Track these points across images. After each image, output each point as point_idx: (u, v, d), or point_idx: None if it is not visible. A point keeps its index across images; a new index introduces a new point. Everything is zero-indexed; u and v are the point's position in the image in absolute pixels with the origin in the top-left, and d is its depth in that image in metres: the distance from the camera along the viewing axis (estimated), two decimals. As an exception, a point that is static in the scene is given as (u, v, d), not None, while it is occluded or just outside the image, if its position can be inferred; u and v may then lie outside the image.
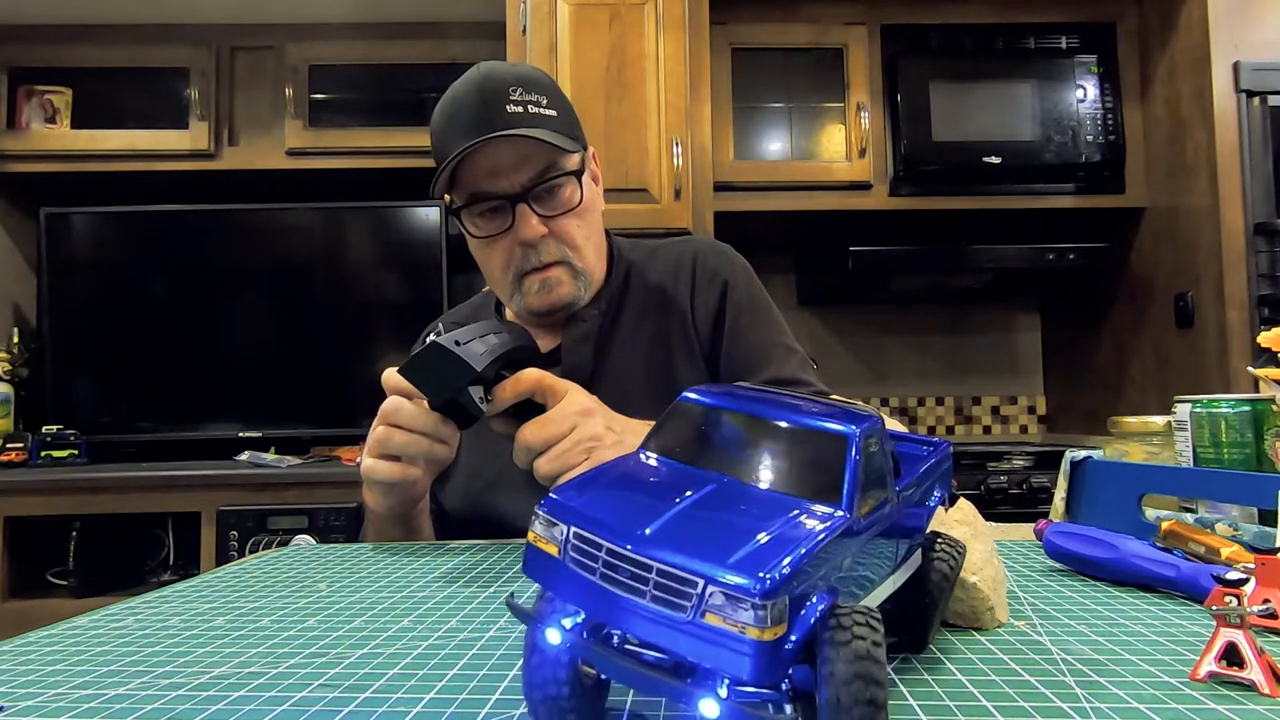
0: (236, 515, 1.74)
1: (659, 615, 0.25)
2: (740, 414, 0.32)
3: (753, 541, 0.25)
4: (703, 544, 0.25)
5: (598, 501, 0.28)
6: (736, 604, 0.24)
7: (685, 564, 0.25)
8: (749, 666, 0.23)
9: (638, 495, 0.29)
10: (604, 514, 0.27)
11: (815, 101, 2.09)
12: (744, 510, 0.28)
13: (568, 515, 0.28)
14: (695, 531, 0.26)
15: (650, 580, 0.25)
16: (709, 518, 0.27)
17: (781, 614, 0.24)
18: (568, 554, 0.27)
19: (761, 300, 0.97)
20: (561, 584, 0.27)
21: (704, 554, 0.25)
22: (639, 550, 0.25)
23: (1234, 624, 0.34)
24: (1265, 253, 1.78)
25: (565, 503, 0.28)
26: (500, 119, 0.80)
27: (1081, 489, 0.68)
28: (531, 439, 0.66)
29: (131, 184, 2.20)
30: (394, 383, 0.68)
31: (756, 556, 0.25)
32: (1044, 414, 2.46)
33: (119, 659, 0.40)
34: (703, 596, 0.24)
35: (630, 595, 0.25)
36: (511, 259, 0.87)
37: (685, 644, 0.24)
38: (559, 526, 0.28)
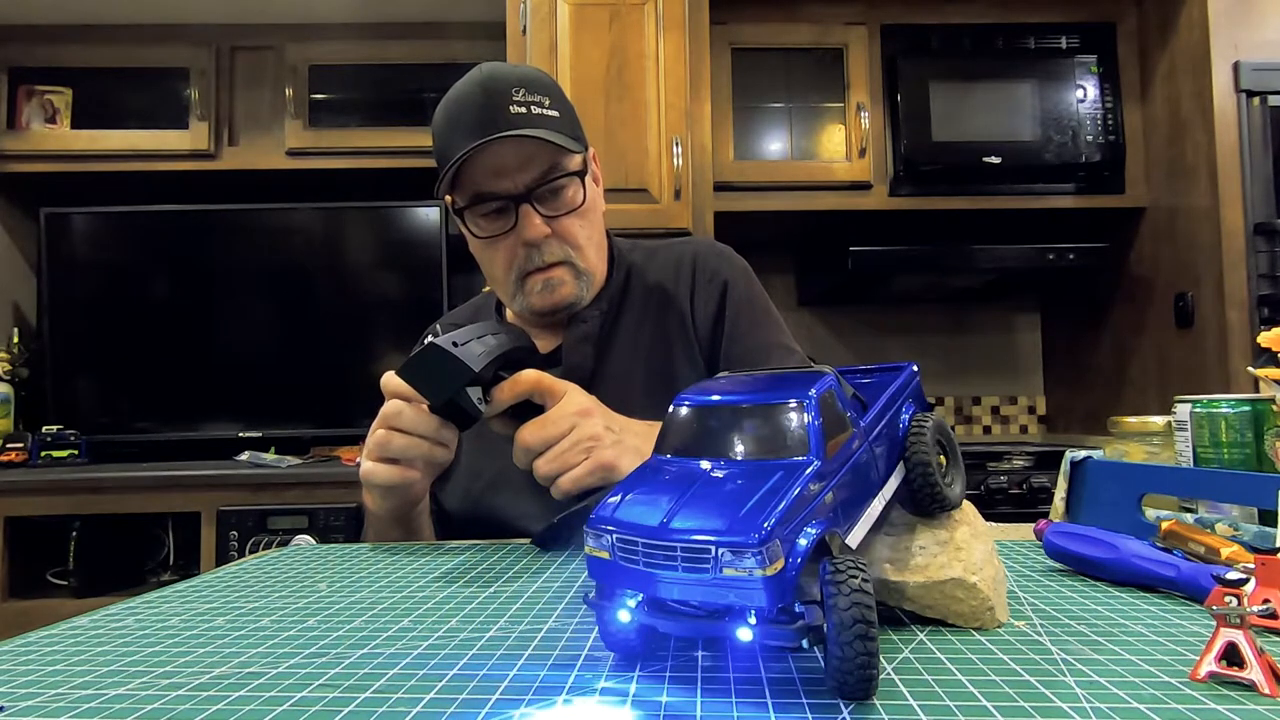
0: (236, 515, 1.74)
1: (691, 579, 0.32)
2: (721, 406, 0.39)
3: (745, 505, 0.33)
4: (709, 518, 0.33)
5: (627, 508, 0.35)
6: (741, 555, 0.31)
7: (698, 536, 0.32)
8: (763, 597, 0.31)
9: (656, 494, 0.36)
10: (633, 517, 0.35)
11: (815, 101, 2.09)
12: (737, 483, 0.35)
13: (609, 524, 0.35)
14: (702, 510, 0.33)
15: (678, 555, 0.32)
16: (710, 495, 0.34)
17: (777, 553, 0.31)
18: (616, 555, 0.35)
19: (761, 301, 0.97)
20: (618, 577, 0.35)
21: (711, 525, 0.32)
22: (664, 536, 0.33)
23: (1234, 624, 0.34)
24: (1265, 253, 1.78)
25: (605, 517, 0.35)
26: (504, 119, 0.80)
27: (1081, 489, 0.68)
28: (530, 439, 0.66)
29: (131, 184, 2.20)
30: (394, 386, 0.68)
31: (749, 516, 0.32)
32: (1044, 414, 2.46)
33: (119, 659, 0.40)
34: (717, 557, 0.31)
35: (667, 570, 0.33)
36: (514, 259, 0.87)
37: (715, 594, 0.32)
38: (605, 537, 0.35)
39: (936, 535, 0.44)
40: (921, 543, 0.44)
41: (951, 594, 0.42)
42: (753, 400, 0.38)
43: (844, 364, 2.02)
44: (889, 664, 0.37)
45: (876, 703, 0.32)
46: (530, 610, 0.48)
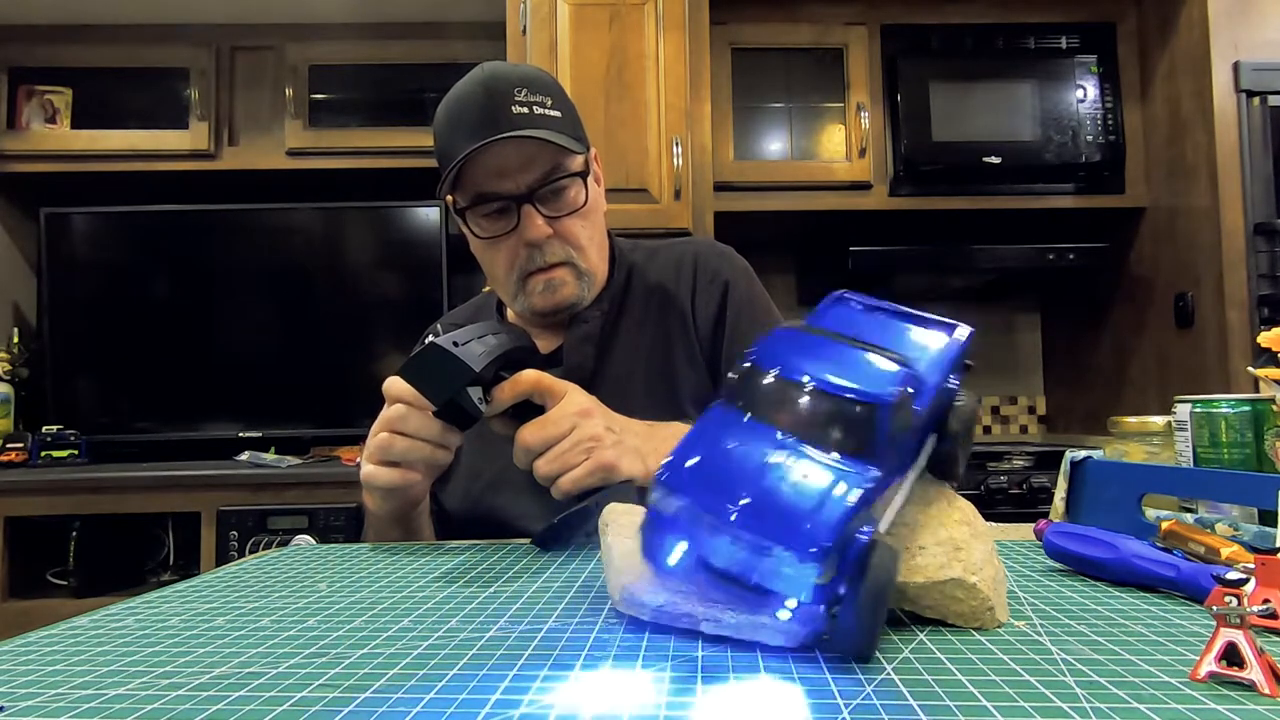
0: (236, 515, 1.74)
1: (750, 560, 0.36)
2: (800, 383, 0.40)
3: (811, 513, 0.35)
4: (779, 518, 0.35)
5: (698, 478, 0.38)
6: (804, 564, 0.34)
7: (768, 536, 0.35)
8: (810, 595, 0.35)
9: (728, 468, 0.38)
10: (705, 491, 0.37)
11: (815, 101, 2.09)
12: (806, 478, 0.37)
13: (680, 489, 0.38)
14: (771, 507, 0.36)
15: (744, 541, 0.36)
16: (779, 490, 0.36)
17: (832, 565, 0.34)
18: (682, 516, 0.37)
19: (762, 301, 0.97)
20: (676, 533, 0.38)
21: (781, 528, 0.35)
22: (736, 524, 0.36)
23: (1234, 624, 0.34)
24: (1265, 253, 1.78)
25: (677, 479, 0.38)
26: (506, 120, 0.80)
27: (1081, 489, 0.68)
28: (530, 440, 0.66)
29: (131, 184, 2.20)
30: (397, 390, 0.68)
31: (814, 530, 0.35)
32: (1044, 414, 2.46)
33: (119, 659, 0.40)
34: (780, 556, 0.35)
35: (729, 547, 0.36)
36: (516, 259, 0.87)
37: (770, 580, 0.35)
38: (673, 498, 0.38)
39: (936, 535, 0.44)
40: (921, 543, 0.44)
41: (951, 594, 0.42)
42: (831, 387, 0.39)
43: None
44: (889, 664, 0.37)
45: (877, 703, 0.32)
46: (530, 610, 0.48)
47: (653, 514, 0.39)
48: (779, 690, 0.34)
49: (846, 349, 0.42)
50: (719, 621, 0.40)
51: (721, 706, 0.32)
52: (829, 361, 0.40)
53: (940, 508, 0.46)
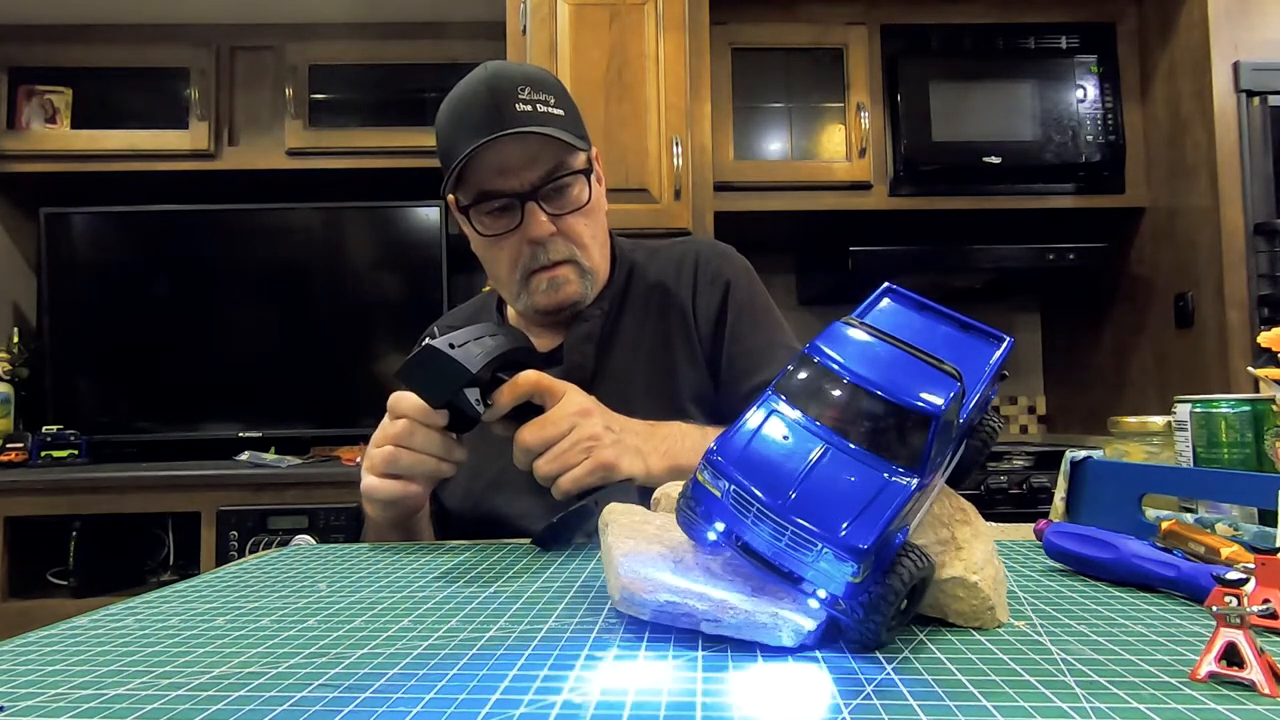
0: (236, 515, 1.74)
1: (789, 551, 0.37)
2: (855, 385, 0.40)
3: (853, 513, 0.36)
4: (824, 514, 0.36)
5: (749, 463, 0.39)
6: (842, 560, 0.36)
7: (813, 530, 0.36)
8: (844, 590, 0.37)
9: (778, 459, 0.39)
10: (754, 479, 0.38)
11: (815, 101, 2.09)
12: (853, 480, 0.38)
13: (729, 474, 0.39)
14: (816, 501, 0.37)
15: (787, 532, 0.37)
16: (826, 487, 0.38)
17: (869, 565, 0.36)
18: (728, 499, 0.39)
19: (763, 301, 0.97)
20: (723, 516, 0.39)
21: (823, 522, 0.36)
22: (782, 514, 0.37)
23: (1234, 624, 0.34)
24: (1265, 253, 1.78)
25: (729, 462, 0.39)
26: (509, 117, 0.80)
27: (1081, 489, 0.68)
28: (530, 440, 0.66)
29: (131, 184, 2.20)
30: (405, 406, 0.68)
31: (856, 529, 0.36)
32: (1044, 414, 2.46)
33: (119, 659, 0.40)
34: (820, 551, 0.36)
35: (772, 535, 0.37)
36: (519, 257, 0.87)
37: (807, 571, 0.37)
38: (722, 481, 0.39)
39: (937, 535, 0.44)
40: (922, 543, 0.44)
41: (952, 594, 0.42)
42: (884, 392, 0.40)
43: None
44: (889, 664, 0.37)
45: (877, 703, 0.32)
46: (530, 610, 0.48)
47: (697, 490, 0.40)
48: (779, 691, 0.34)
49: (904, 355, 0.42)
50: (719, 621, 0.40)
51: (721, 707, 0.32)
52: (887, 367, 0.41)
53: (940, 508, 0.46)
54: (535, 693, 0.34)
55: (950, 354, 0.43)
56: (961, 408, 0.42)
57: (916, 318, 0.50)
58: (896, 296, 0.52)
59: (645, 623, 0.43)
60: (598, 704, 0.33)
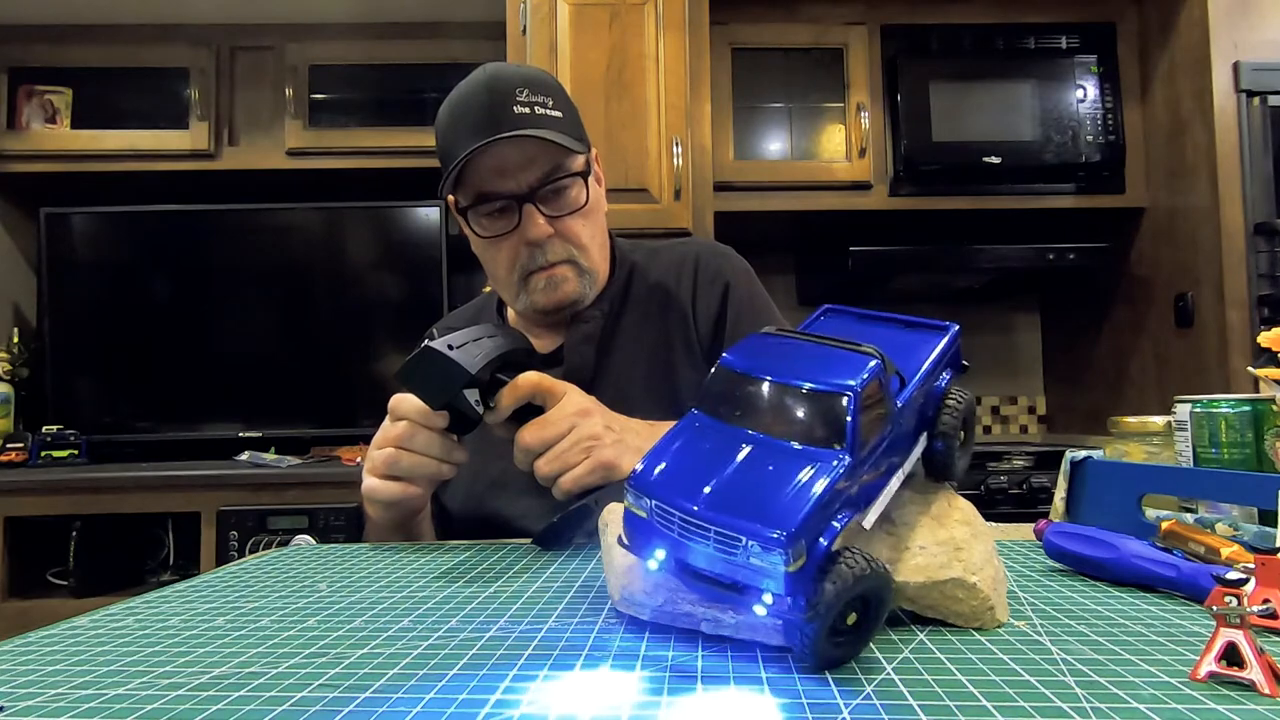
0: (236, 515, 1.74)
1: (719, 556, 0.35)
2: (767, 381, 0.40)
3: (777, 501, 0.35)
4: (744, 506, 0.35)
5: (667, 477, 0.38)
6: (769, 551, 0.34)
7: (733, 524, 0.34)
8: (783, 586, 0.34)
9: (695, 466, 0.38)
10: (673, 490, 0.37)
11: (815, 101, 2.09)
12: (772, 469, 0.36)
13: (649, 490, 0.38)
14: (737, 496, 0.36)
15: (711, 534, 0.35)
16: (747, 481, 0.36)
17: (801, 552, 0.34)
18: (654, 517, 0.37)
19: (762, 302, 0.97)
20: (652, 536, 0.38)
21: (745, 515, 0.34)
22: (700, 516, 0.35)
23: (1234, 624, 0.34)
24: (1265, 253, 1.78)
25: (645, 480, 0.38)
26: (508, 120, 0.80)
27: (1081, 489, 0.68)
28: (531, 440, 0.67)
29: (131, 184, 2.20)
30: (405, 408, 0.68)
31: (780, 516, 0.34)
32: (1044, 414, 2.46)
33: (119, 659, 0.40)
34: (747, 547, 0.34)
35: (699, 544, 0.36)
36: (517, 259, 0.87)
37: (741, 573, 0.35)
38: (644, 499, 0.38)
39: (936, 535, 0.44)
40: (921, 543, 0.44)
41: (951, 594, 0.42)
42: (797, 381, 0.39)
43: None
44: (889, 664, 0.37)
45: (877, 703, 0.32)
46: (530, 610, 0.48)
47: (627, 518, 0.39)
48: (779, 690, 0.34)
49: (816, 346, 0.42)
50: (719, 621, 0.40)
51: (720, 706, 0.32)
52: (797, 359, 0.41)
53: (940, 508, 0.46)
54: (535, 693, 0.34)
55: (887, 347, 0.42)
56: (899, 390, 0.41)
57: (854, 325, 0.50)
58: (834, 313, 0.51)
59: (645, 623, 0.43)
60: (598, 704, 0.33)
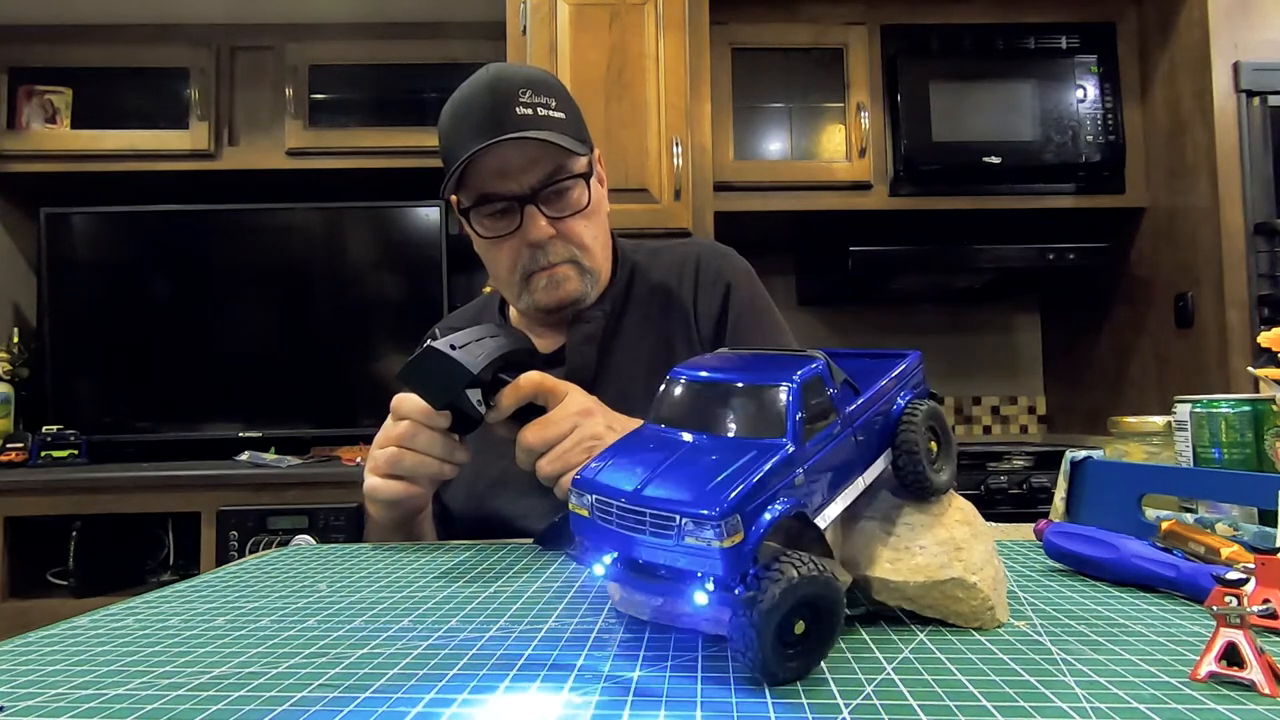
0: (236, 515, 1.74)
1: (657, 543, 0.35)
2: (709, 383, 0.41)
3: (712, 480, 0.34)
4: (677, 488, 0.35)
5: (609, 472, 0.38)
6: (701, 527, 0.33)
7: (665, 505, 0.34)
8: (719, 566, 0.33)
9: (637, 460, 0.38)
10: (612, 481, 0.37)
11: (815, 101, 2.09)
12: (711, 457, 0.37)
13: (589, 487, 0.38)
14: (674, 480, 0.36)
15: (647, 520, 0.35)
16: (684, 467, 0.36)
17: (735, 527, 0.33)
18: (594, 514, 0.37)
19: (763, 303, 0.98)
20: (595, 534, 0.38)
21: (677, 495, 0.34)
22: (634, 501, 0.35)
23: (1234, 624, 0.34)
24: (1265, 253, 1.78)
25: (587, 478, 0.38)
26: (510, 121, 0.80)
27: (1081, 489, 0.68)
28: (533, 440, 0.67)
29: (131, 184, 2.20)
30: (407, 408, 0.68)
31: (713, 491, 0.34)
32: (1044, 414, 2.46)
33: (119, 659, 0.40)
34: (680, 526, 0.34)
35: (637, 533, 0.35)
36: (519, 259, 0.87)
37: (677, 558, 0.34)
38: (586, 496, 0.38)
39: (936, 535, 0.44)
40: (922, 543, 0.44)
41: (951, 594, 0.42)
42: (739, 380, 0.40)
43: (844, 364, 1.95)
44: (889, 664, 0.37)
45: (877, 703, 0.32)
46: (530, 610, 0.48)
47: (574, 522, 0.39)
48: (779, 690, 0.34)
49: (763, 355, 0.43)
50: (719, 621, 0.40)
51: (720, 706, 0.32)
52: (744, 366, 0.42)
53: (940, 508, 0.46)
54: (535, 692, 0.34)
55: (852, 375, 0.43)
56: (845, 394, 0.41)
57: None
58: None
59: (645, 623, 0.43)
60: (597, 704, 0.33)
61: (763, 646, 0.33)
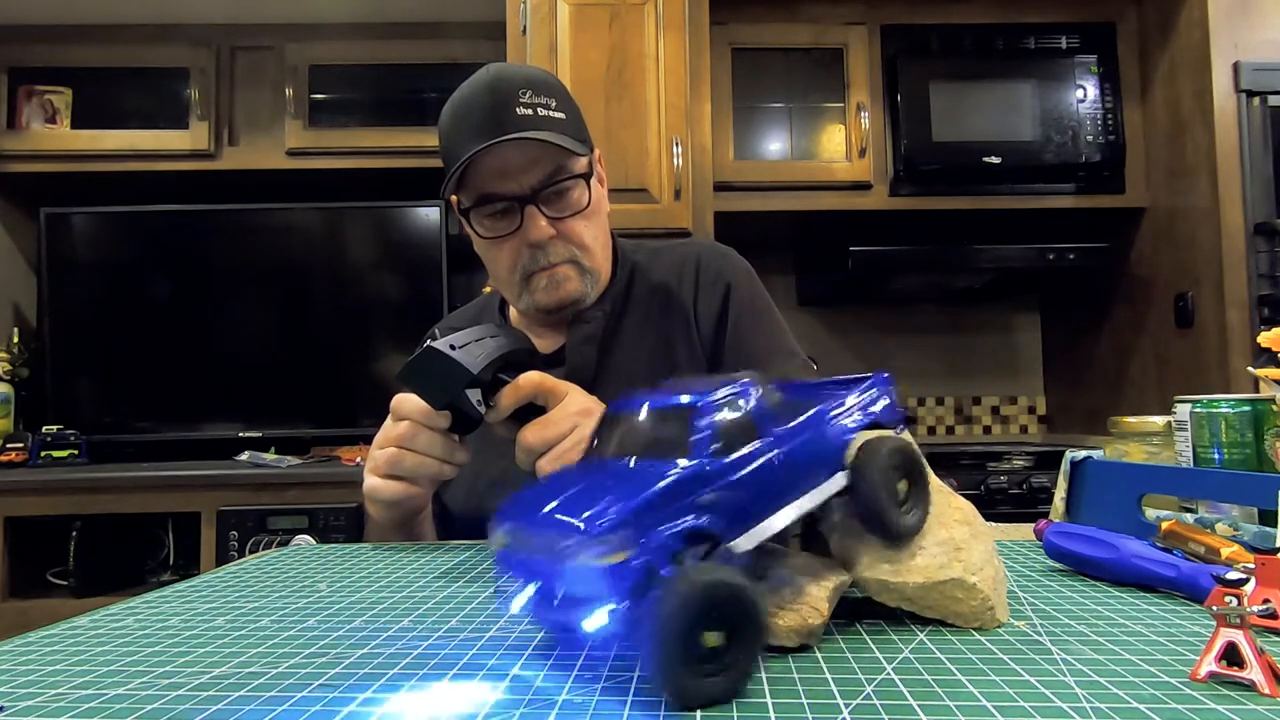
0: (236, 515, 1.74)
1: (556, 567, 0.34)
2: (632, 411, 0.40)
3: (602, 502, 0.34)
4: (571, 513, 0.34)
5: (524, 502, 0.38)
6: (585, 546, 0.32)
7: (558, 526, 0.34)
8: (606, 585, 0.32)
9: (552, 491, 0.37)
10: (523, 511, 0.37)
11: (815, 101, 2.09)
12: (613, 482, 0.36)
13: (504, 517, 0.38)
14: (574, 504, 0.35)
15: (544, 544, 0.34)
16: (589, 491, 0.36)
17: (619, 544, 0.32)
18: (510, 544, 0.37)
19: (763, 303, 0.97)
20: (511, 564, 0.38)
21: (568, 517, 0.34)
22: (533, 523, 0.35)
23: (1234, 624, 0.34)
24: (1265, 253, 1.78)
25: (505, 509, 0.38)
26: (510, 121, 0.80)
27: (1081, 489, 0.68)
28: (532, 440, 0.67)
29: (131, 184, 2.20)
30: (408, 408, 0.68)
31: (598, 512, 0.33)
32: (1044, 414, 2.46)
33: (119, 659, 0.40)
34: (570, 548, 0.33)
35: (540, 558, 0.35)
36: (519, 259, 0.87)
37: (574, 582, 0.34)
38: (503, 526, 0.38)
39: (936, 535, 0.44)
40: (922, 543, 0.44)
41: (951, 594, 0.42)
42: (657, 404, 0.39)
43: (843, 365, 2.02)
44: (889, 664, 0.37)
45: (877, 703, 0.32)
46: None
47: (497, 557, 0.39)
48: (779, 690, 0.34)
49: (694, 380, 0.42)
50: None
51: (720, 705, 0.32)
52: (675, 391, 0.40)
53: (940, 508, 0.46)
54: (534, 693, 0.34)
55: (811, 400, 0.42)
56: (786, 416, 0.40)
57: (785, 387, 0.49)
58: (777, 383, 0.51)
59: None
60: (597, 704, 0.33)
61: (665, 661, 0.31)
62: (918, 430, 2.42)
